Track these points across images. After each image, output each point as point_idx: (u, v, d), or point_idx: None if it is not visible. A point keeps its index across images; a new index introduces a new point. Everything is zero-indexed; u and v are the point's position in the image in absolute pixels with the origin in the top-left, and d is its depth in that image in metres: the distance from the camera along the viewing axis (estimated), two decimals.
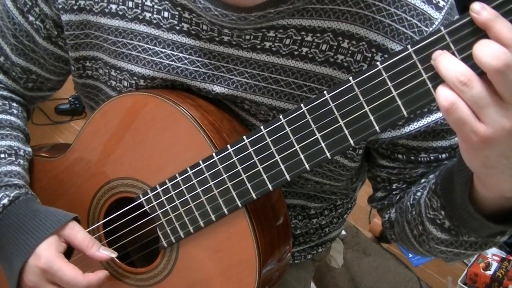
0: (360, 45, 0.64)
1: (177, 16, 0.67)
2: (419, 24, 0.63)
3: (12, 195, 0.69)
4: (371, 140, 0.70)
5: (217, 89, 0.69)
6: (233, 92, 0.68)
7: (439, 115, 0.67)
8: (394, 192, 0.76)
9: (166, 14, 0.68)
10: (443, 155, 0.71)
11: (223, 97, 0.69)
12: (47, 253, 0.65)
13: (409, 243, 0.74)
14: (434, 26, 0.63)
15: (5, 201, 0.68)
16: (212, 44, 0.67)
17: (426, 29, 0.63)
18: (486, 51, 0.45)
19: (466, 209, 0.57)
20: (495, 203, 0.55)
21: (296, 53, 0.65)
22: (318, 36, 0.64)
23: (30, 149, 0.80)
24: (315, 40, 0.64)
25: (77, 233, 0.68)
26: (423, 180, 0.72)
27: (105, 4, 0.71)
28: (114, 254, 0.70)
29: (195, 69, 0.68)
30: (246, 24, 0.64)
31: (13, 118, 0.81)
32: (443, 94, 0.47)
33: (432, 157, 0.71)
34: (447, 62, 0.47)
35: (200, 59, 0.68)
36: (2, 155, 0.75)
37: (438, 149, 0.70)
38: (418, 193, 0.70)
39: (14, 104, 0.84)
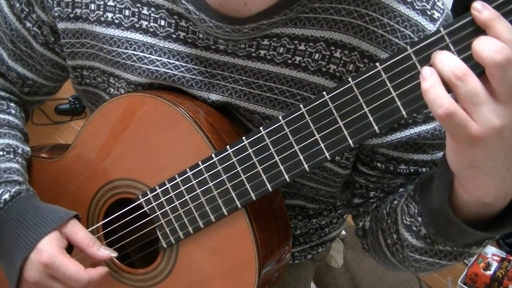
0: (352, 55, 0.64)
1: (173, 24, 0.67)
2: (412, 35, 0.63)
3: (13, 190, 0.69)
4: None
5: (213, 96, 0.69)
6: (228, 99, 0.68)
7: (423, 128, 0.66)
8: (371, 200, 0.75)
9: (162, 22, 0.68)
10: (423, 169, 0.70)
11: (218, 104, 0.69)
12: (50, 248, 0.65)
13: (382, 253, 0.73)
14: None
15: (6, 196, 0.68)
16: (208, 52, 0.67)
17: None
18: (487, 46, 0.45)
19: (444, 214, 0.56)
20: (473, 210, 0.54)
21: (289, 61, 0.65)
22: (311, 45, 0.64)
23: (28, 149, 0.80)
24: (308, 49, 0.64)
25: (78, 231, 0.68)
26: (401, 190, 0.72)
27: (101, 13, 0.70)
28: (114, 254, 0.70)
29: (192, 77, 0.68)
30: (240, 36, 0.64)
31: (11, 118, 0.81)
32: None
33: (412, 170, 0.70)
34: (443, 57, 0.47)
35: (196, 67, 0.68)
36: (1, 153, 0.75)
37: (418, 162, 0.69)
38: (395, 202, 0.69)
39: (12, 104, 0.84)
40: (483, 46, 0.45)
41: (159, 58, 0.69)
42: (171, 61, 0.68)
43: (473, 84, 0.45)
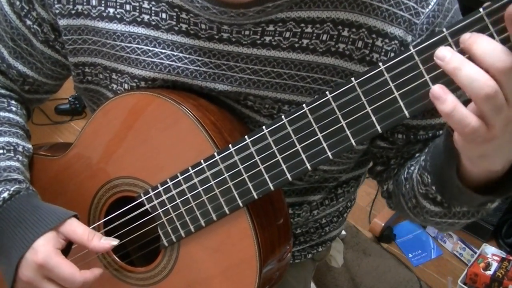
0: (360, 32, 0.64)
1: (175, 17, 0.68)
2: (415, 6, 0.64)
3: (12, 189, 0.69)
4: None
5: (220, 87, 0.69)
6: (237, 89, 0.68)
7: None
8: (392, 167, 0.78)
9: (164, 15, 0.68)
10: (441, 131, 0.72)
11: (226, 94, 0.69)
12: (45, 248, 0.65)
13: (405, 214, 0.77)
14: (430, 6, 0.64)
15: (5, 194, 0.68)
16: (212, 42, 0.67)
17: (423, 10, 0.64)
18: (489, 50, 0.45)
19: (454, 185, 0.58)
20: (482, 176, 0.57)
21: (296, 45, 0.65)
22: (317, 27, 0.64)
23: (30, 146, 0.80)
24: (315, 31, 0.65)
25: (76, 228, 0.67)
26: (417, 154, 0.75)
27: (103, 8, 0.71)
28: (115, 242, 0.69)
29: (196, 68, 0.68)
30: (245, 20, 0.64)
31: (11, 115, 0.81)
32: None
33: (430, 134, 0.72)
34: (470, 69, 0.46)
35: (200, 58, 0.68)
36: (1, 151, 0.75)
37: (436, 126, 0.71)
38: (412, 168, 0.72)
39: (13, 102, 0.84)
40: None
41: (163, 51, 0.69)
42: (175, 53, 0.69)
43: (502, 98, 0.46)
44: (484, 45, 0.45)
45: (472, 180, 0.57)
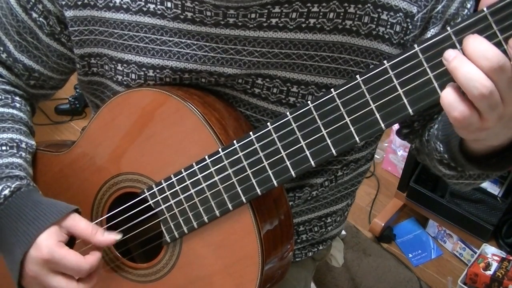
0: (366, 8, 0.65)
1: (179, 5, 0.68)
2: None
3: (13, 186, 0.69)
4: None
5: (229, 71, 0.69)
6: (246, 71, 0.69)
7: None
8: (416, 128, 0.82)
9: (169, 4, 0.69)
10: None
11: (236, 78, 0.70)
12: (48, 242, 0.65)
13: (432, 170, 0.81)
14: None
15: (6, 192, 0.68)
16: (218, 28, 0.68)
17: None
18: (478, 50, 0.47)
19: (460, 157, 0.63)
20: (484, 149, 0.60)
21: (303, 25, 0.66)
22: (324, 5, 0.65)
23: (33, 142, 0.80)
24: (321, 10, 0.65)
25: (78, 223, 0.68)
26: (435, 116, 0.77)
27: None
28: (118, 236, 0.69)
29: (204, 54, 0.69)
30: (252, 1, 0.64)
31: (15, 112, 0.81)
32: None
33: None
34: (467, 68, 0.48)
35: (207, 43, 0.69)
36: (4, 147, 0.75)
37: None
38: (431, 130, 0.75)
39: (17, 98, 0.84)
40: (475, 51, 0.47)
41: (171, 39, 0.70)
42: (183, 40, 0.69)
43: (497, 97, 0.48)
44: (476, 44, 0.47)
45: (476, 151, 0.61)
